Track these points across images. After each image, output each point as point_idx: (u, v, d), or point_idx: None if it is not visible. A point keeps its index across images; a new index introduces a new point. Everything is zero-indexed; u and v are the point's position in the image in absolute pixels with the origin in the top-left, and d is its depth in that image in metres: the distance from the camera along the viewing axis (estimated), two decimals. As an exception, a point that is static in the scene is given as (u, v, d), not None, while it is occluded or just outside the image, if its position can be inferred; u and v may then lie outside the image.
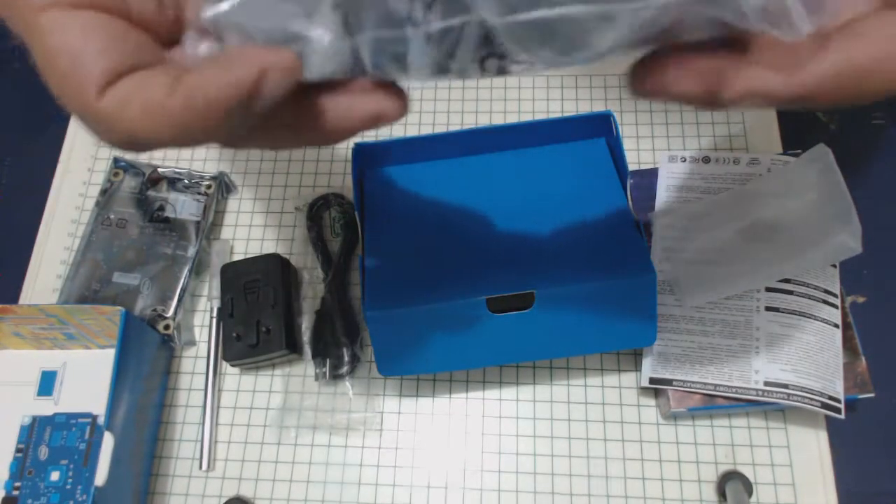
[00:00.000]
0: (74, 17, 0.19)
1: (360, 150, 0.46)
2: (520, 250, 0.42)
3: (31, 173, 0.56)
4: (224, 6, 0.20)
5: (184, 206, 0.50)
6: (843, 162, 0.42)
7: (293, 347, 0.46)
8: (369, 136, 0.53)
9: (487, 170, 0.47)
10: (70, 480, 0.40)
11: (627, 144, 0.51)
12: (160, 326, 0.47)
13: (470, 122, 0.54)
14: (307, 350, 0.47)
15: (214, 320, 0.48)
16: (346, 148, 0.54)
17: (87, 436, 0.41)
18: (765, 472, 0.42)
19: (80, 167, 0.55)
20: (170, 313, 0.47)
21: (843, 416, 0.41)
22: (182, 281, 0.48)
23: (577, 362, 0.46)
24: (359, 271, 0.45)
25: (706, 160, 0.47)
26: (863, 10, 0.20)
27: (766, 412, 0.44)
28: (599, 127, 0.46)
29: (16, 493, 0.40)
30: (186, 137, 0.19)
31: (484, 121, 0.54)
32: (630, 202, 0.44)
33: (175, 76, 0.19)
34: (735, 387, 0.41)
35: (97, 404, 0.42)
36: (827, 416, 0.43)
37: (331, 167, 0.53)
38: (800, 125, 0.52)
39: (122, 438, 0.41)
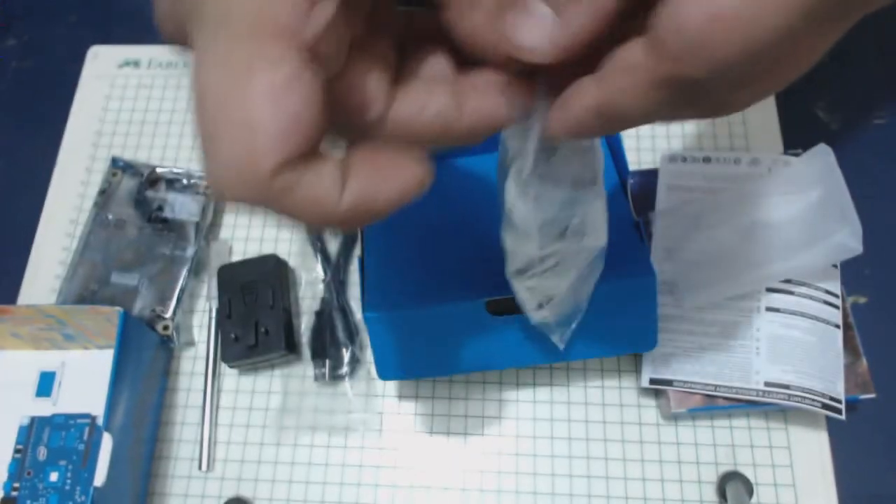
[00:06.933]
0: (280, 64, 0.17)
1: None
2: None
3: (28, 173, 0.56)
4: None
5: (182, 207, 0.50)
6: (844, 162, 0.42)
7: (292, 348, 0.46)
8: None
9: (488, 171, 0.46)
10: (69, 481, 0.40)
11: (627, 144, 0.51)
12: (159, 327, 0.47)
13: (469, 122, 0.54)
14: (306, 351, 0.47)
15: (213, 321, 0.48)
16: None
17: (85, 436, 0.41)
18: (765, 472, 0.42)
19: (78, 167, 0.55)
20: (168, 314, 0.47)
21: (843, 417, 0.41)
22: (181, 281, 0.48)
23: (577, 363, 0.46)
24: (358, 272, 0.45)
25: (706, 160, 0.47)
26: None
27: (766, 413, 0.44)
28: None
29: (15, 493, 0.40)
30: (340, 226, 0.20)
31: (483, 120, 0.54)
32: (630, 202, 0.44)
33: (342, 172, 0.19)
34: (735, 387, 0.41)
35: (96, 405, 0.42)
36: (828, 417, 0.43)
37: (330, 167, 0.53)
38: (800, 125, 0.52)
39: (121, 439, 0.41)
